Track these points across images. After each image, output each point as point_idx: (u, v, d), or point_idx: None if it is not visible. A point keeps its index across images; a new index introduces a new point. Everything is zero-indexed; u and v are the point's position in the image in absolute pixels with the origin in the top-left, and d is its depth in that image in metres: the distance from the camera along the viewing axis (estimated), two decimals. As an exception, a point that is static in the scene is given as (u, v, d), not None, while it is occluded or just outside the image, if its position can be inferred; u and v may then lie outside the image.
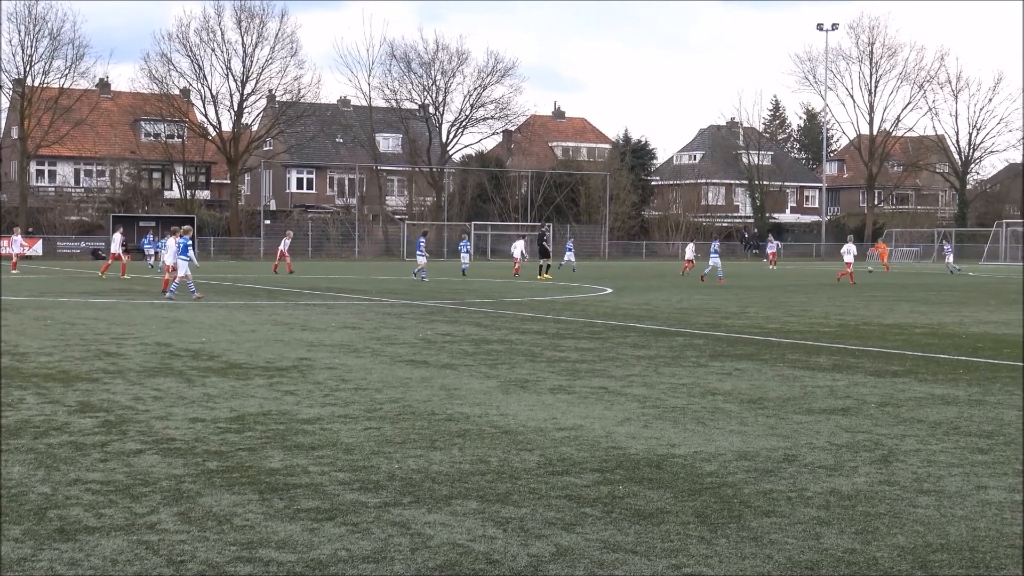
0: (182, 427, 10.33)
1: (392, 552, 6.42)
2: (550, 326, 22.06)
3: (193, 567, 6.12)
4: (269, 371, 14.52)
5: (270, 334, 19.81)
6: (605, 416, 11.13)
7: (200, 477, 8.25)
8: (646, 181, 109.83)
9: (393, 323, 22.51)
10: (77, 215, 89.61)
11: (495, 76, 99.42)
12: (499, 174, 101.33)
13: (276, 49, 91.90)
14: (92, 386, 12.97)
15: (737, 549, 6.54)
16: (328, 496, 7.71)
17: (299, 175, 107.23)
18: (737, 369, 15.10)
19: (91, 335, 19.26)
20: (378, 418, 10.90)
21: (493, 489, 7.96)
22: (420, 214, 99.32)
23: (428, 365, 15.31)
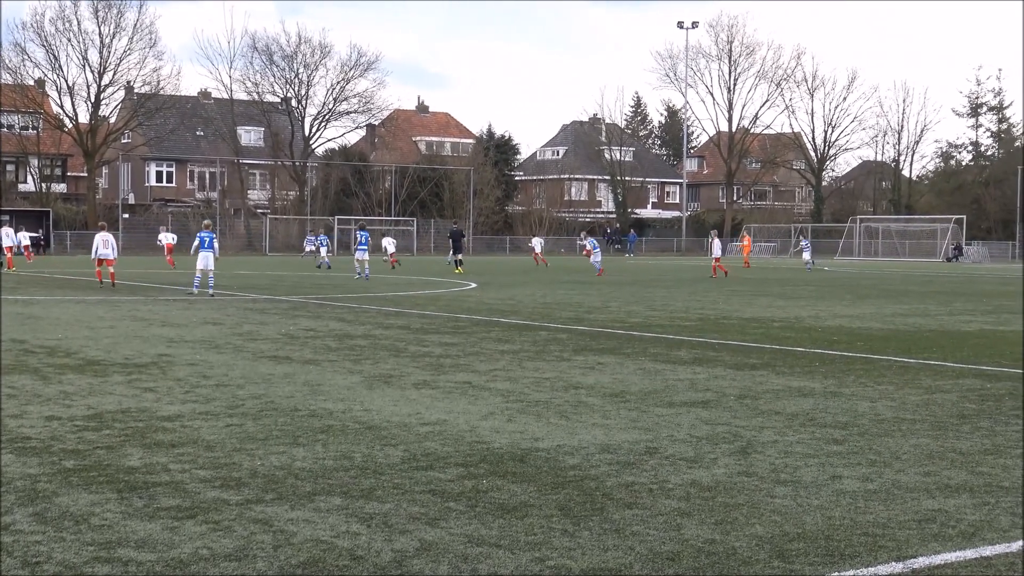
0: (37, 425, 10.11)
1: (255, 550, 6.37)
2: (414, 321, 22.03)
3: (49, 568, 6.00)
4: (128, 368, 14.27)
5: (129, 330, 19.47)
6: (469, 411, 11.16)
7: (56, 476, 8.09)
8: (510, 176, 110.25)
9: (255, 319, 22.29)
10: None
11: (358, 70, 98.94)
12: (363, 168, 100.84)
13: (134, 40, 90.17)
14: (-57, 384, 12.63)
15: (600, 541, 6.60)
16: (189, 494, 7.61)
17: (159, 168, 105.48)
18: (600, 363, 15.25)
19: (-59, 332, 18.75)
20: (240, 415, 10.79)
21: (357, 485, 7.93)
22: (283, 208, 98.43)
23: (291, 361, 15.19)
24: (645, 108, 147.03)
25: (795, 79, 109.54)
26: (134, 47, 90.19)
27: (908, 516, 7.23)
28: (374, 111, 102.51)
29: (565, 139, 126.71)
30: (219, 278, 36.89)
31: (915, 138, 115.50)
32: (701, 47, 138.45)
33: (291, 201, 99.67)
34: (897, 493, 7.84)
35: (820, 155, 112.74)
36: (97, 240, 34.79)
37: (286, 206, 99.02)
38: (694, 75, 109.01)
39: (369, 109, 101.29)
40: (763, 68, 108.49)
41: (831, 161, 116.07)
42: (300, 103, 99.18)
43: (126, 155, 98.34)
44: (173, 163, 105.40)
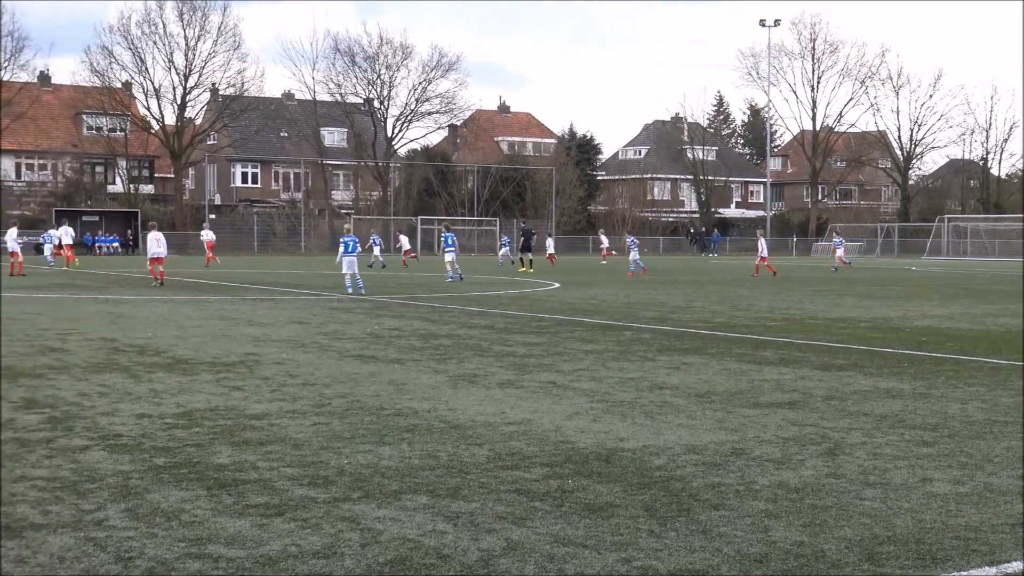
0: (129, 423, 10.25)
1: (342, 547, 6.41)
2: (498, 321, 22.07)
3: (141, 564, 6.08)
4: (216, 366, 14.43)
5: (217, 329, 19.69)
6: (554, 410, 11.15)
7: (148, 473, 8.19)
8: (592, 176, 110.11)
9: (341, 318, 22.44)
10: (19, 209, 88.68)
11: (439, 70, 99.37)
12: (445, 169, 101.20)
13: (219, 42, 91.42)
14: (37, 382, 12.84)
15: (686, 542, 6.57)
16: (277, 492, 7.67)
17: (244, 169, 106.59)
18: (684, 363, 15.17)
19: (35, 330, 19.07)
20: (327, 413, 10.86)
21: (443, 483, 7.95)
22: (366, 208, 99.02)
23: (376, 360, 15.28)
24: (728, 107, 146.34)
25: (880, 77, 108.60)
26: (218, 49, 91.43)
27: (1001, 520, 7.11)
28: (456, 111, 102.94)
29: (647, 138, 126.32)
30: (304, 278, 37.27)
31: (1004, 136, 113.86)
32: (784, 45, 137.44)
33: (374, 201, 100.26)
34: (990, 496, 7.72)
35: (906, 153, 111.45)
36: (151, 240, 35.56)
37: (369, 206, 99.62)
38: (777, 73, 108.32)
39: (451, 109, 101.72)
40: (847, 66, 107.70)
41: (917, 160, 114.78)
42: (382, 104, 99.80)
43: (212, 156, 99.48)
44: (258, 164, 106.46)
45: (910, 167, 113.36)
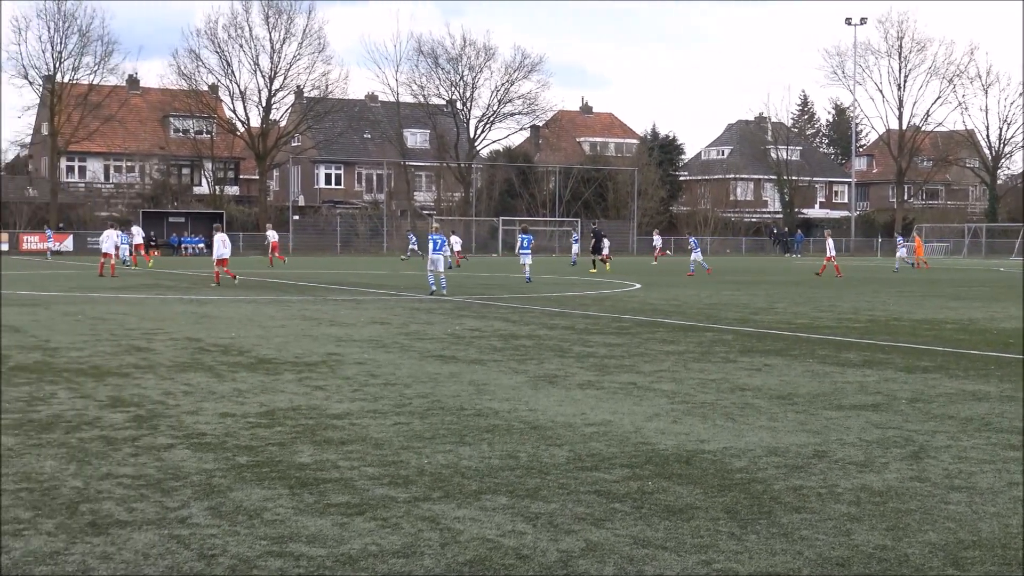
0: (212, 422, 10.36)
1: (422, 547, 6.43)
2: (578, 321, 22.04)
3: (224, 561, 6.14)
4: (298, 366, 14.56)
5: (299, 329, 19.86)
6: (634, 411, 11.11)
7: (231, 471, 8.28)
8: (674, 176, 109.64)
9: (422, 318, 22.53)
10: (107, 211, 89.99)
11: (522, 72, 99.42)
12: (527, 169, 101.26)
13: (303, 45, 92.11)
14: (123, 381, 13.03)
15: (767, 545, 6.52)
16: (358, 491, 7.72)
17: (327, 171, 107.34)
18: (766, 365, 15.06)
19: (121, 330, 19.35)
20: (407, 413, 10.91)
21: (523, 484, 7.96)
22: (448, 209, 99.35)
23: (457, 360, 15.32)
24: (812, 106, 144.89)
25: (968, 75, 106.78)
26: (303, 52, 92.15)
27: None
28: (538, 112, 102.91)
29: (730, 138, 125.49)
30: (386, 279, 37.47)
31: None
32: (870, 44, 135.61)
33: (456, 202, 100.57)
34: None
35: (995, 153, 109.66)
36: (217, 241, 36.26)
37: (451, 207, 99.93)
38: (862, 72, 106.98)
39: (533, 110, 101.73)
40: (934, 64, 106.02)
41: (1007, 159, 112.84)
42: (465, 105, 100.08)
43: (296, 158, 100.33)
44: (341, 165, 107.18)
45: (999, 166, 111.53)
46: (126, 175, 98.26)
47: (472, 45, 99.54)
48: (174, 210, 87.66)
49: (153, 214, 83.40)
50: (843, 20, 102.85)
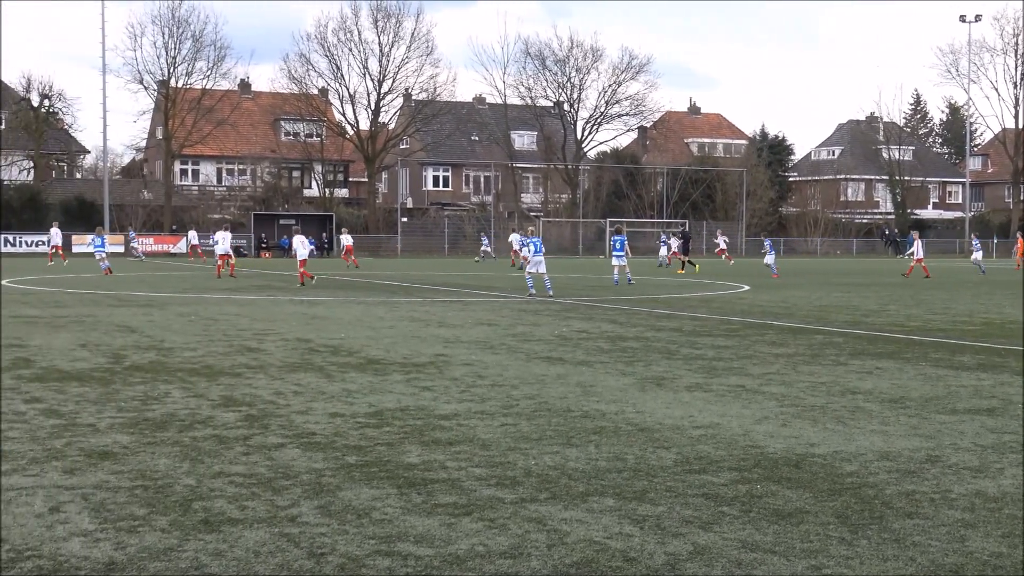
0: (322, 421, 10.47)
1: (529, 548, 6.43)
2: (686, 323, 21.92)
3: (333, 560, 6.20)
4: (407, 367, 14.65)
5: (407, 330, 19.99)
6: (743, 414, 11.02)
7: (340, 471, 8.36)
8: (783, 177, 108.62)
9: (529, 320, 22.56)
10: (219, 213, 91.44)
11: (629, 72, 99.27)
12: (634, 171, 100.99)
13: (412, 48, 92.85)
14: (235, 381, 13.22)
15: (878, 551, 6.42)
16: (465, 491, 7.75)
17: (435, 173, 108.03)
18: (878, 368, 14.84)
19: (233, 331, 19.64)
20: (514, 414, 10.93)
21: (630, 486, 7.93)
22: (555, 211, 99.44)
23: (564, 362, 15.31)
24: (925, 105, 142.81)
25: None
26: (412, 55, 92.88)
27: None
28: (646, 113, 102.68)
29: (841, 138, 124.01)
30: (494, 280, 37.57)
31: None
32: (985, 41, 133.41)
33: (563, 204, 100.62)
34: None
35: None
36: (296, 243, 36.94)
37: (559, 209, 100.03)
38: (977, 70, 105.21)
39: (640, 111, 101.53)
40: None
41: None
42: (572, 107, 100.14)
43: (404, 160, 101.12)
44: (449, 167, 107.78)
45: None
46: (238, 178, 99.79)
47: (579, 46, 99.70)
48: (284, 212, 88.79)
49: (264, 216, 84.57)
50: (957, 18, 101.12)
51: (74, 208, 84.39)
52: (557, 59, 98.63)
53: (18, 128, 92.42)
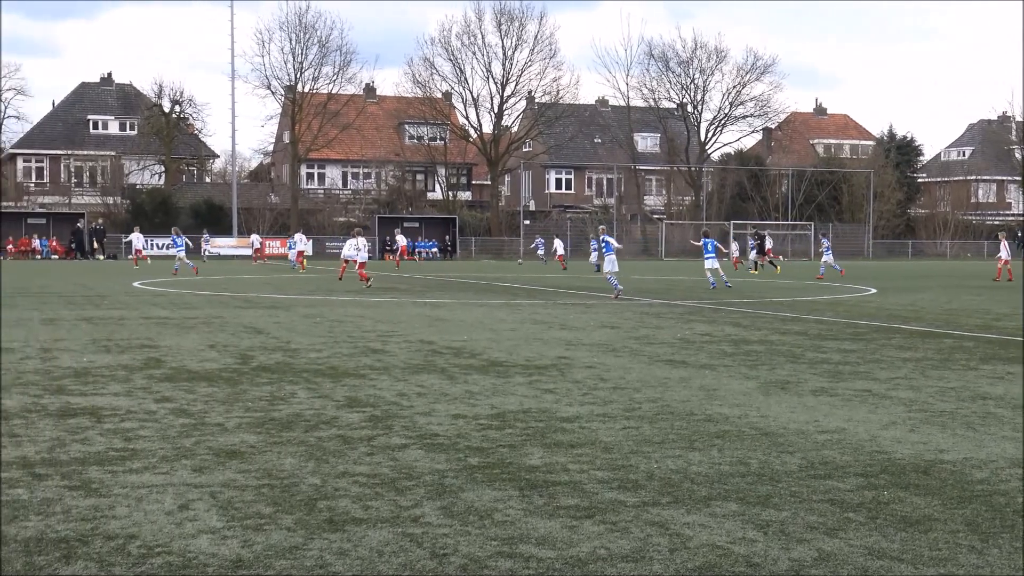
0: (445, 423, 10.53)
1: (651, 552, 6.40)
2: (811, 327, 21.64)
3: (455, 560, 6.23)
4: (529, 369, 14.67)
5: (529, 332, 20.03)
6: (869, 419, 10.85)
7: (462, 472, 8.39)
8: (912, 178, 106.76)
9: (651, 323, 22.47)
10: (344, 216, 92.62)
11: (754, 73, 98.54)
12: (759, 172, 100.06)
13: (535, 51, 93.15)
14: (359, 382, 13.35)
15: (1010, 560, 6.27)
16: (587, 494, 7.73)
17: (558, 175, 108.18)
18: (1010, 373, 14.51)
19: (358, 332, 19.85)
20: (637, 417, 10.89)
21: (753, 491, 7.85)
22: (678, 213, 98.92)
23: (687, 365, 15.22)
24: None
25: None
26: (535, 58, 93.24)
27: None
28: (770, 114, 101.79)
29: (972, 139, 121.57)
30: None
31: None
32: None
33: (686, 206, 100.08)
34: None
35: None
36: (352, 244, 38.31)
37: (682, 211, 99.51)
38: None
39: (765, 112, 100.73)
40: None
41: None
42: (696, 108, 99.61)
43: (527, 163, 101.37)
44: (572, 170, 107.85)
45: None
46: (363, 181, 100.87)
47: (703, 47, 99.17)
48: (408, 215, 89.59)
49: (388, 219, 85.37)
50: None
51: (203, 211, 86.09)
52: (680, 60, 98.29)
53: (150, 133, 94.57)
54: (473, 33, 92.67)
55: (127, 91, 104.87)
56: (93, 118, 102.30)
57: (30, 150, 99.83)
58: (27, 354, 16.03)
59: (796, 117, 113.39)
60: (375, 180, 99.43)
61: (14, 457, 8.78)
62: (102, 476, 8.17)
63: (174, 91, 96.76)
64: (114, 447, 9.23)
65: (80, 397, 11.97)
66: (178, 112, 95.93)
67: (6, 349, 16.65)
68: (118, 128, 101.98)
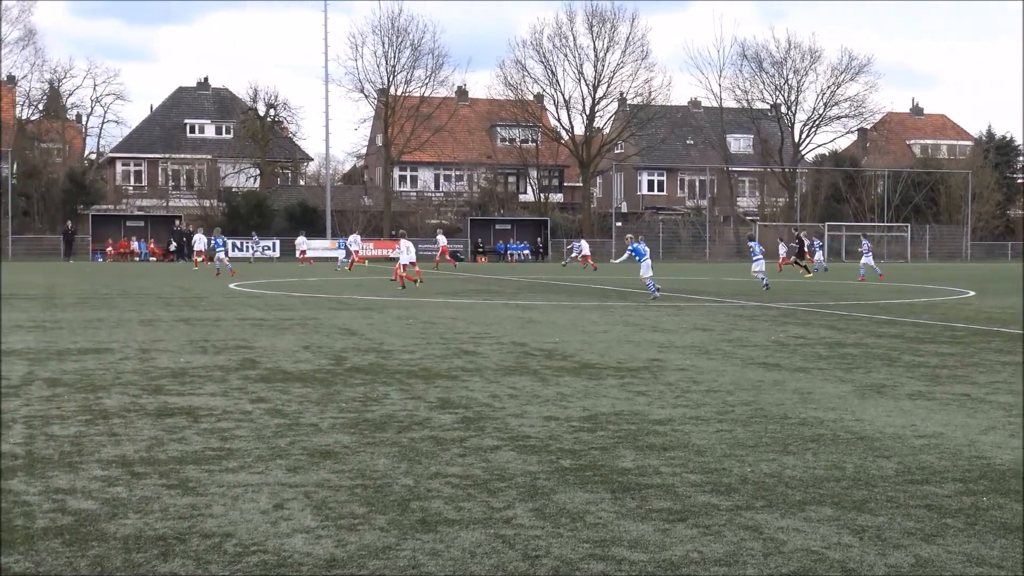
0: (537, 425, 10.53)
1: (744, 556, 6.35)
2: (908, 329, 21.35)
3: (547, 562, 6.23)
4: (621, 371, 14.64)
5: (621, 335, 19.97)
6: (968, 424, 10.68)
7: (554, 474, 8.39)
8: (1011, 179, 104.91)
9: (745, 325, 22.31)
10: (437, 218, 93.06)
11: (849, 73, 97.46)
12: (854, 173, 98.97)
13: (627, 53, 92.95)
14: (452, 383, 13.40)
15: (1115, 568, 6.14)
16: (680, 497, 7.70)
17: (650, 177, 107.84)
18: (1113, 377, 14.20)
19: (450, 334, 19.92)
20: (730, 420, 10.82)
21: (849, 496, 7.76)
22: (772, 215, 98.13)
23: (781, 368, 15.09)
24: None
25: None
26: (627, 60, 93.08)
27: None
28: (866, 115, 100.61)
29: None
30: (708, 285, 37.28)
31: None
32: None
33: (780, 208, 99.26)
34: None
35: None
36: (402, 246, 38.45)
37: (775, 213, 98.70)
38: None
39: (860, 113, 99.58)
40: None
41: None
42: (789, 109, 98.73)
43: (619, 165, 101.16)
44: (664, 172, 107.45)
45: None
46: (455, 183, 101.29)
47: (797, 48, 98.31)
48: (500, 217, 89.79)
49: (480, 221, 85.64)
50: None
51: (297, 214, 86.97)
52: (774, 61, 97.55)
53: (246, 137, 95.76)
54: (565, 35, 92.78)
55: (223, 95, 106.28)
56: (190, 122, 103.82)
57: (129, 154, 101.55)
58: (126, 355, 16.30)
59: (892, 117, 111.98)
60: (467, 182, 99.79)
61: (113, 456, 8.94)
62: (199, 475, 8.28)
63: (269, 95, 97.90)
64: (211, 447, 9.36)
65: (177, 397, 12.15)
66: (273, 116, 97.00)
67: (105, 350, 16.96)
68: (214, 132, 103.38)
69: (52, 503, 7.43)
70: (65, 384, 13.08)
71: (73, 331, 19.99)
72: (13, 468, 8.47)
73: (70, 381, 13.33)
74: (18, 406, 11.44)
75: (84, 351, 16.70)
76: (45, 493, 7.69)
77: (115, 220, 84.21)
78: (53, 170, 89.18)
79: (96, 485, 7.94)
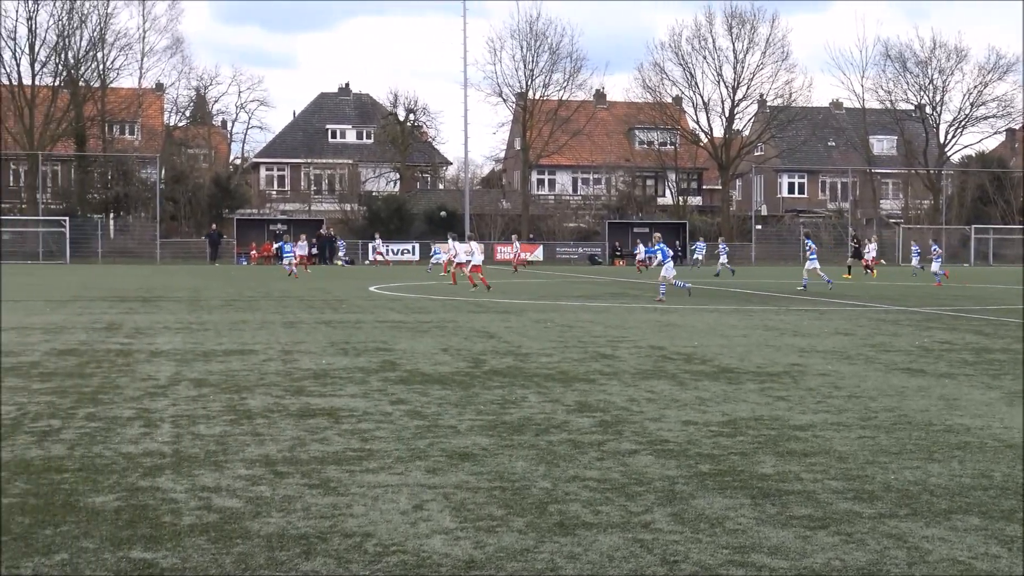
0: (675, 429, 10.47)
1: (888, 565, 6.24)
2: (1058, 335, 20.78)
3: (686, 568, 6.19)
4: (760, 376, 14.48)
5: (761, 339, 19.77)
6: (1122, 433, 10.35)
7: (693, 479, 8.34)
8: None
9: (888, 330, 21.92)
10: (575, 222, 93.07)
11: (996, 72, 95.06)
12: (1002, 175, 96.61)
13: (767, 54, 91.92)
14: (589, 387, 13.39)
15: None
16: (821, 504, 7.59)
17: (790, 179, 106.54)
18: None
19: (588, 337, 19.90)
20: (873, 427, 10.63)
21: (996, 505, 7.57)
22: (916, 217, 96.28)
23: (925, 374, 14.79)
24: None
25: None
26: (766, 61, 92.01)
27: None
28: (1014, 115, 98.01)
29: None
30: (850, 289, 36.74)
31: None
32: None
33: (925, 210, 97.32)
34: None
35: None
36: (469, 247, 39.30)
37: (919, 215, 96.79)
38: None
39: (1009, 113, 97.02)
40: None
41: None
42: (935, 109, 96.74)
43: (759, 167, 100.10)
44: (805, 174, 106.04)
45: None
46: (592, 187, 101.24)
47: (942, 47, 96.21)
48: (638, 220, 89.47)
49: (618, 224, 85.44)
50: None
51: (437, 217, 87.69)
52: (918, 60, 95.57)
53: (386, 141, 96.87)
54: (704, 37, 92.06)
55: (363, 101, 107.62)
56: (331, 127, 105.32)
57: (272, 159, 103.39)
58: (269, 356, 16.59)
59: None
60: (605, 186, 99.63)
61: (257, 455, 9.11)
62: (340, 475, 8.39)
63: (408, 100, 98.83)
64: (351, 447, 9.48)
65: (319, 398, 12.33)
66: (412, 120, 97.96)
67: (250, 351, 17.28)
68: (355, 137, 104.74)
69: (198, 501, 7.60)
70: (211, 384, 13.37)
71: (219, 333, 20.42)
72: (161, 466, 8.68)
73: (215, 382, 13.62)
74: (166, 406, 11.73)
75: (229, 352, 17.04)
76: (192, 491, 7.87)
77: (259, 224, 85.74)
78: (199, 175, 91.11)
79: (240, 484, 8.10)
